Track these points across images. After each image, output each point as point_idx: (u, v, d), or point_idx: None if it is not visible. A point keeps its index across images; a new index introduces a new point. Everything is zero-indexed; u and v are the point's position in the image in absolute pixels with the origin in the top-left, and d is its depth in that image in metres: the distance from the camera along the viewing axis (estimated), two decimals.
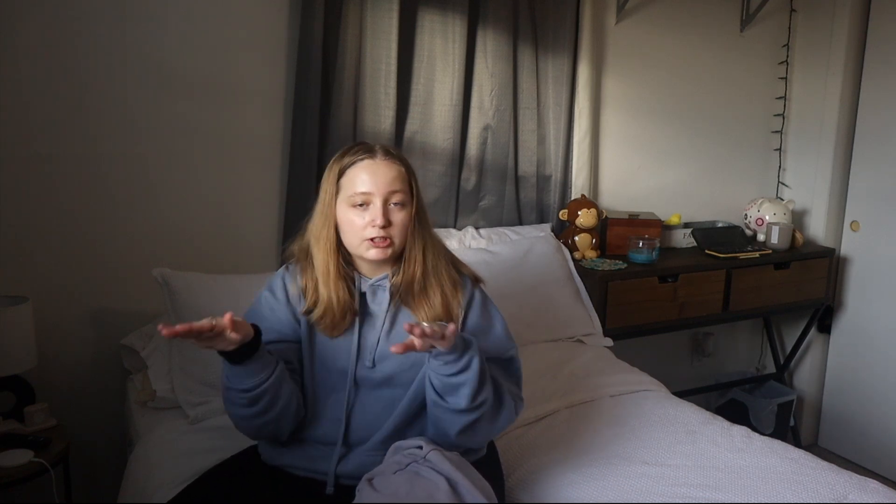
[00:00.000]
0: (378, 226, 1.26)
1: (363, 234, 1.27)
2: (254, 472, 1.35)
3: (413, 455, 1.22)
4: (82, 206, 1.98)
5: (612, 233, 2.65)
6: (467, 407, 1.22)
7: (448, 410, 1.24)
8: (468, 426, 1.25)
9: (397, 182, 1.28)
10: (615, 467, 1.54)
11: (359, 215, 1.28)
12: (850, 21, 2.95)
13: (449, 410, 1.24)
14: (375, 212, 1.26)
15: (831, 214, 3.11)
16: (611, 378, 2.03)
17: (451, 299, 1.33)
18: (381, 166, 1.28)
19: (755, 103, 3.18)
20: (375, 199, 1.27)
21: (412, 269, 1.31)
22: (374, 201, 1.27)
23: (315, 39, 2.10)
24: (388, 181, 1.27)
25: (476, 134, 2.46)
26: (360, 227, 1.27)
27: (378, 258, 1.29)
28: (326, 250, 1.31)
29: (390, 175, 1.28)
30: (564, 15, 2.54)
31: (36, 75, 1.88)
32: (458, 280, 1.36)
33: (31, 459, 1.67)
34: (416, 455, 1.22)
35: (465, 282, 1.38)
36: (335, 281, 1.30)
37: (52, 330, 1.97)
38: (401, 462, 1.21)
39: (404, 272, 1.32)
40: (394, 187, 1.28)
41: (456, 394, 1.22)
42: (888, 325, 2.95)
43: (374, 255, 1.28)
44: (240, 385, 1.21)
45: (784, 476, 1.50)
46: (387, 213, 1.27)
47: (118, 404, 2.06)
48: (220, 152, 2.14)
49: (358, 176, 1.28)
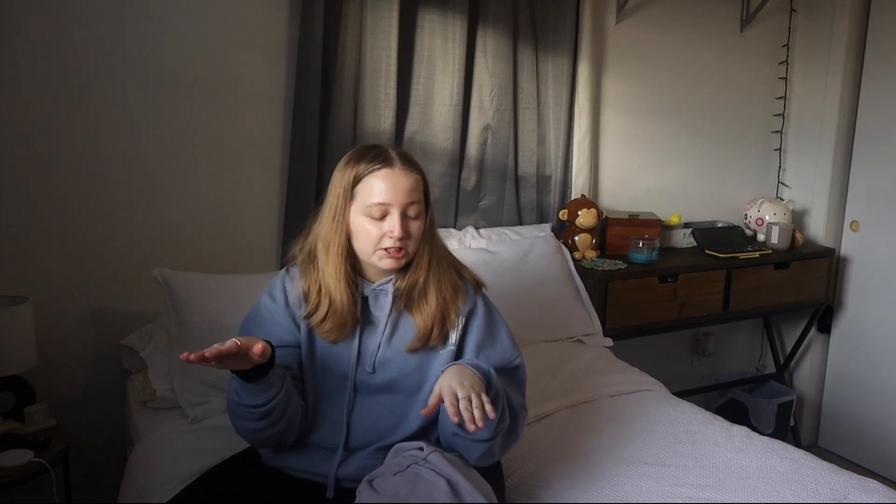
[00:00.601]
0: (396, 237, 1.24)
1: (378, 243, 1.26)
2: (254, 473, 1.35)
3: (413, 457, 1.22)
4: (82, 206, 1.98)
5: (612, 233, 2.65)
6: (488, 437, 1.22)
7: (468, 440, 1.23)
8: (487, 451, 1.25)
9: (415, 193, 1.26)
10: (615, 467, 1.54)
11: (374, 224, 1.25)
12: (850, 21, 2.95)
13: (469, 440, 1.23)
14: (394, 223, 1.24)
15: (831, 214, 3.11)
16: (611, 378, 2.03)
17: (450, 305, 1.32)
18: (400, 177, 1.25)
19: (755, 103, 3.18)
20: (394, 209, 1.24)
21: (417, 276, 1.30)
22: (392, 212, 1.24)
23: (315, 39, 2.10)
24: (406, 192, 1.25)
25: (476, 134, 2.46)
26: (376, 237, 1.25)
27: (392, 268, 1.28)
28: (337, 257, 1.29)
29: (409, 185, 1.25)
30: (564, 15, 2.54)
31: (36, 75, 1.88)
32: (459, 286, 1.35)
33: (31, 459, 1.67)
34: (417, 457, 1.22)
35: (468, 288, 1.37)
36: (344, 287, 1.29)
37: (52, 330, 1.97)
38: (401, 464, 1.21)
39: (409, 278, 1.31)
40: (412, 198, 1.25)
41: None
42: (888, 325, 2.95)
43: (389, 265, 1.27)
44: (252, 401, 1.21)
45: (784, 476, 1.50)
46: (405, 224, 1.25)
47: (118, 404, 2.06)
48: (220, 152, 2.14)
49: (375, 185, 1.25)
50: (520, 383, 1.38)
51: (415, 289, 1.31)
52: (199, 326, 1.81)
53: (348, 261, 1.30)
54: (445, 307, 1.32)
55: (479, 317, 1.36)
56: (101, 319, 2.05)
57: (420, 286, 1.31)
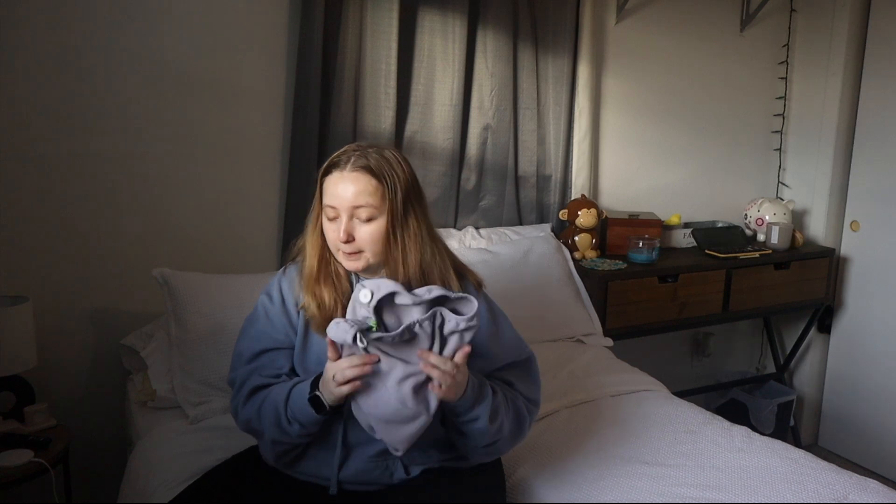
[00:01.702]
0: (341, 240, 1.25)
1: (336, 245, 1.28)
2: (254, 473, 1.35)
3: None
4: (82, 205, 1.98)
5: (612, 233, 2.65)
6: (486, 443, 1.27)
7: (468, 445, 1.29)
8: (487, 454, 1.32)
9: (362, 196, 1.24)
10: (615, 467, 1.54)
11: (331, 227, 1.28)
12: (850, 21, 2.95)
13: (470, 445, 1.29)
14: (338, 226, 1.26)
15: (831, 214, 3.11)
16: (611, 378, 2.03)
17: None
18: (347, 180, 1.24)
19: (755, 103, 3.18)
20: (341, 213, 1.25)
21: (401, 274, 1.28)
22: (341, 215, 1.26)
23: (315, 39, 2.10)
24: (350, 196, 1.24)
25: (476, 134, 2.46)
26: (333, 239, 1.28)
27: (352, 269, 1.30)
28: (313, 253, 1.31)
29: (355, 189, 1.24)
30: (564, 15, 2.54)
31: (36, 75, 1.88)
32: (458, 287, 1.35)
33: (31, 459, 1.67)
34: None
35: (469, 288, 1.37)
36: (321, 284, 1.30)
37: (52, 330, 1.97)
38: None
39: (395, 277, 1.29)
40: (357, 202, 1.24)
41: (472, 432, 1.25)
42: (888, 325, 2.95)
43: (347, 266, 1.29)
44: (309, 430, 1.25)
45: (784, 476, 1.50)
46: (349, 227, 1.25)
47: (118, 404, 2.06)
48: (220, 152, 2.14)
49: (329, 188, 1.27)
50: (534, 376, 1.41)
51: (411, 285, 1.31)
52: (199, 326, 1.81)
53: (326, 258, 1.32)
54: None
55: (483, 315, 1.36)
56: (101, 319, 2.05)
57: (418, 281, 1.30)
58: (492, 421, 1.25)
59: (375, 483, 1.31)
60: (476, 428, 1.24)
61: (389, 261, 1.28)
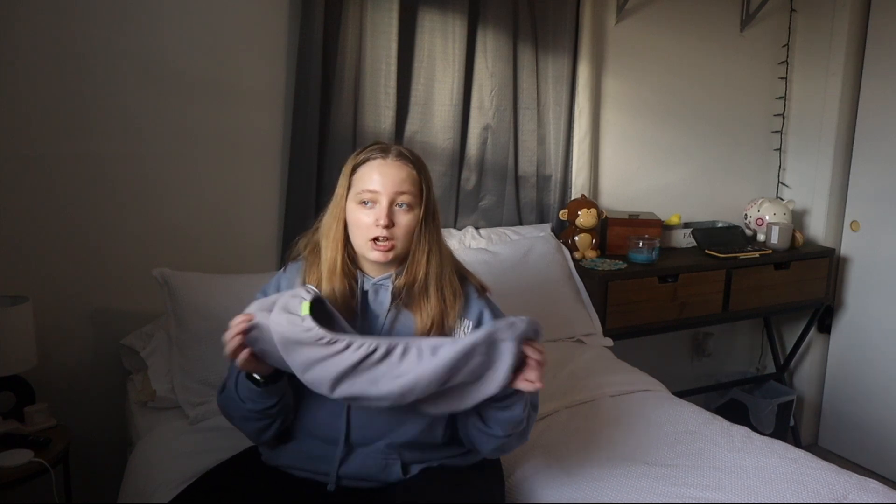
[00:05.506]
0: (381, 225, 1.26)
1: (368, 233, 1.28)
2: (254, 473, 1.35)
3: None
4: (82, 205, 1.98)
5: (612, 233, 2.65)
6: (506, 433, 1.27)
7: (485, 434, 1.28)
8: (500, 447, 1.31)
9: (406, 184, 1.28)
10: (615, 467, 1.54)
11: (365, 213, 1.28)
12: (850, 21, 2.96)
13: (486, 434, 1.28)
14: (380, 211, 1.27)
15: (831, 214, 3.11)
16: (611, 378, 2.03)
17: (449, 308, 1.33)
18: (392, 166, 1.29)
19: (755, 103, 3.18)
20: (382, 198, 1.27)
21: (415, 273, 1.30)
22: (381, 200, 1.27)
23: (315, 39, 2.10)
24: (396, 181, 1.27)
25: (476, 134, 2.46)
26: (366, 226, 1.28)
27: (379, 260, 1.29)
28: (334, 245, 1.31)
29: (400, 176, 1.28)
30: (564, 15, 2.54)
31: (36, 75, 1.88)
32: (459, 290, 1.35)
33: (31, 459, 1.67)
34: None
35: (471, 292, 1.37)
36: (339, 276, 1.31)
37: (52, 330, 1.97)
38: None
39: (407, 275, 1.31)
40: (401, 188, 1.28)
41: (500, 422, 1.25)
42: (888, 325, 2.95)
43: (376, 258, 1.29)
44: (261, 405, 1.26)
45: (784, 476, 1.50)
46: (391, 213, 1.27)
47: (118, 404, 2.06)
48: (220, 152, 2.14)
49: (368, 174, 1.29)
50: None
51: (415, 286, 1.31)
52: (199, 326, 1.82)
53: (346, 249, 1.32)
54: (444, 310, 1.32)
55: (487, 319, 1.36)
56: (101, 319, 2.05)
57: (420, 284, 1.31)
58: (523, 409, 1.26)
59: (374, 480, 1.31)
60: (506, 416, 1.24)
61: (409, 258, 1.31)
